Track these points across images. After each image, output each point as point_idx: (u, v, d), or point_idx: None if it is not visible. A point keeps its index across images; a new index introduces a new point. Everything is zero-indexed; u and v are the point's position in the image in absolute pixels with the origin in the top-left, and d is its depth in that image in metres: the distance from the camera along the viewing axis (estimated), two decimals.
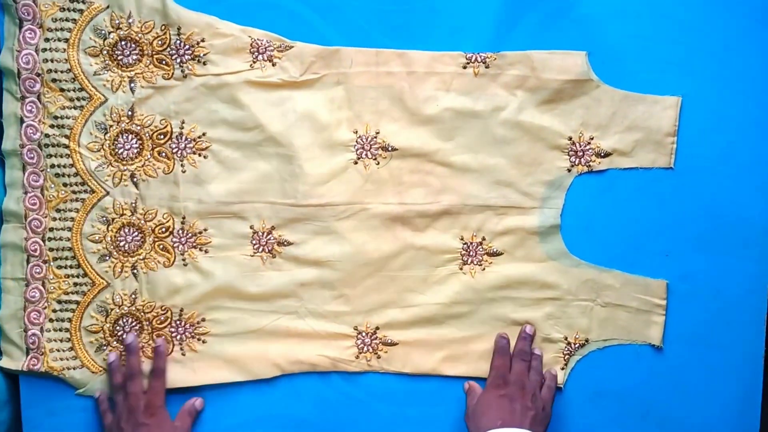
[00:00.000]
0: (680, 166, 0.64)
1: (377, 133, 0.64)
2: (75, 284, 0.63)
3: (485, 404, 0.60)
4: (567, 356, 0.65)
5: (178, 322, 0.64)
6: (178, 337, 0.64)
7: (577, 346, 0.65)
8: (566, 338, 0.65)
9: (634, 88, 0.63)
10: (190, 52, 0.62)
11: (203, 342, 0.64)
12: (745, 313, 0.64)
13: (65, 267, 0.63)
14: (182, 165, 0.64)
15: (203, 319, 0.64)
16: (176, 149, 0.63)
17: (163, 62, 0.63)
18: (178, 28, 0.62)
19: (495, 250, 0.65)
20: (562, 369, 0.64)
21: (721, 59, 0.63)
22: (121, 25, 0.62)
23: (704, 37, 0.63)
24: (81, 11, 0.62)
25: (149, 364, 0.63)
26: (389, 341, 0.65)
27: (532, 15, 0.63)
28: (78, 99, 0.62)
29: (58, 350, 0.63)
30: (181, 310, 0.64)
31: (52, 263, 0.63)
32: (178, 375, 0.64)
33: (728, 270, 0.64)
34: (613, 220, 0.64)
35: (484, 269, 0.65)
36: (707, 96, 0.63)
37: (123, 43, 0.62)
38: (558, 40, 0.63)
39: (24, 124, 0.62)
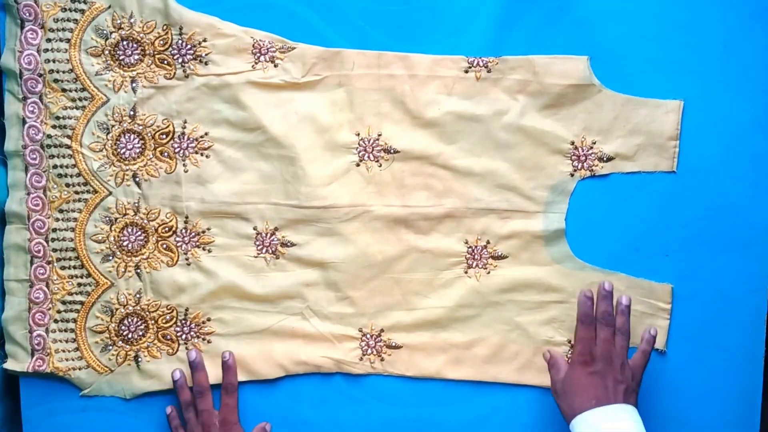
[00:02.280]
0: (682, 168, 0.64)
1: (379, 135, 0.64)
2: (79, 284, 0.64)
3: (575, 383, 0.58)
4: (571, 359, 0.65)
5: (183, 322, 0.64)
6: (183, 336, 0.64)
7: None
8: (570, 341, 0.65)
9: (635, 90, 0.63)
10: (191, 52, 0.62)
11: (208, 342, 0.65)
12: (745, 313, 0.64)
13: (69, 267, 0.63)
14: (184, 165, 0.64)
15: (208, 319, 0.64)
16: (178, 149, 0.64)
17: (165, 62, 0.63)
18: (180, 28, 0.62)
19: (500, 253, 0.65)
20: None
21: (722, 62, 0.63)
22: (122, 25, 0.62)
23: (705, 39, 0.63)
24: (82, 11, 0.62)
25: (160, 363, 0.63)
26: (393, 344, 0.65)
27: (533, 15, 0.63)
28: (80, 99, 0.62)
29: (64, 351, 0.64)
30: (187, 309, 0.64)
31: (55, 264, 0.63)
32: None
33: (728, 270, 0.64)
34: (616, 224, 0.64)
35: (489, 273, 0.65)
36: (709, 98, 0.63)
37: (125, 43, 0.62)
38: (558, 42, 0.63)
39: (26, 125, 0.62)
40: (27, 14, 0.61)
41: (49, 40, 0.62)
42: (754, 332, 0.64)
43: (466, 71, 0.63)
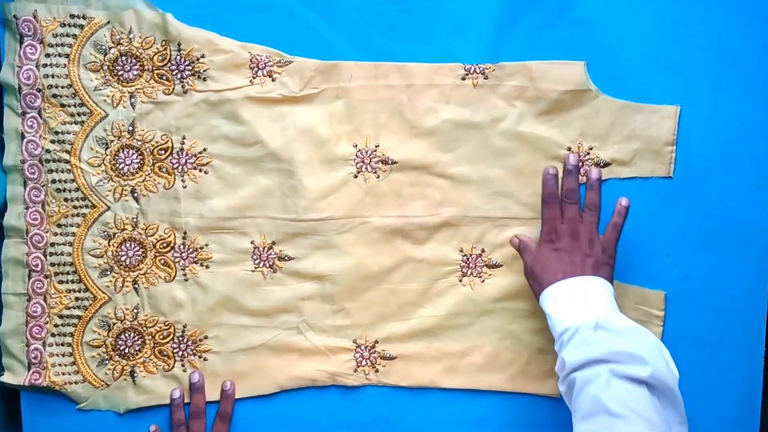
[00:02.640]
0: (681, 168, 0.64)
1: (377, 146, 0.64)
2: (76, 299, 0.64)
3: (543, 260, 0.58)
4: None
5: (180, 338, 0.64)
6: (180, 353, 0.64)
7: None
8: None
9: (633, 92, 0.63)
10: (190, 67, 0.63)
11: (204, 359, 0.65)
12: (745, 313, 0.64)
13: (67, 282, 0.64)
14: (183, 180, 0.64)
15: (205, 336, 0.64)
16: (177, 165, 0.64)
17: (164, 78, 0.63)
18: (179, 44, 0.62)
19: (494, 261, 0.65)
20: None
21: (720, 61, 0.63)
22: (121, 41, 0.62)
23: (703, 42, 0.63)
24: (81, 27, 0.62)
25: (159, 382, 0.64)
26: (388, 355, 0.65)
27: (533, 15, 0.63)
28: (79, 114, 0.63)
29: (60, 365, 0.64)
30: (184, 326, 0.64)
31: (53, 278, 0.63)
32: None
33: (728, 271, 0.64)
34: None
35: (483, 281, 0.65)
36: (707, 101, 0.63)
37: (123, 58, 0.62)
38: (557, 41, 0.63)
39: (25, 140, 0.62)
40: (26, 29, 0.62)
41: (48, 55, 0.62)
42: (754, 332, 0.64)
43: (463, 78, 0.63)
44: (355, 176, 0.64)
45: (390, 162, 0.64)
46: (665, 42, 0.63)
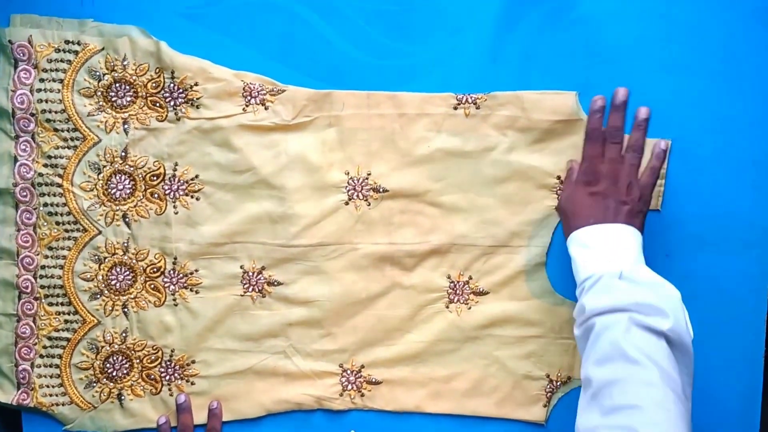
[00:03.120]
0: (681, 167, 0.64)
1: (368, 174, 0.65)
2: (66, 321, 0.64)
3: (576, 202, 0.56)
4: (549, 394, 0.66)
5: (168, 363, 0.65)
6: (167, 377, 0.65)
7: (559, 383, 0.66)
8: (548, 375, 0.66)
9: (632, 94, 0.61)
10: (183, 95, 0.63)
11: (192, 384, 0.65)
12: (745, 313, 0.64)
13: (56, 304, 0.64)
14: (174, 206, 0.64)
15: (193, 361, 0.65)
16: (169, 191, 0.64)
17: (157, 104, 0.64)
18: (172, 72, 0.63)
19: (481, 289, 0.66)
20: (545, 406, 0.66)
21: (720, 59, 0.63)
22: (115, 67, 0.63)
23: (703, 42, 0.63)
24: (76, 53, 0.63)
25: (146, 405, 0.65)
26: (373, 380, 0.66)
27: (533, 14, 0.63)
28: (72, 139, 0.63)
29: (48, 386, 0.64)
30: (172, 351, 0.65)
31: (43, 300, 0.64)
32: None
33: (728, 270, 0.64)
34: None
35: (470, 308, 0.66)
36: (706, 95, 0.63)
37: (117, 84, 0.63)
38: (558, 42, 0.63)
39: (18, 163, 0.63)
40: (21, 54, 0.62)
41: (42, 80, 0.62)
42: (754, 332, 0.64)
43: (455, 108, 0.64)
44: (346, 203, 0.65)
45: (381, 190, 0.65)
46: (665, 42, 0.63)
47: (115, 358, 0.65)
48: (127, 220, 0.64)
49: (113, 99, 0.63)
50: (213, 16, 0.63)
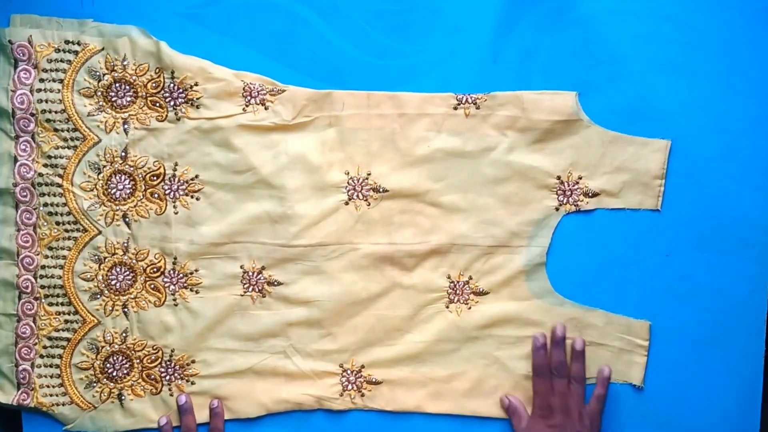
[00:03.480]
0: (681, 167, 0.64)
1: (368, 174, 0.65)
2: (66, 321, 0.64)
3: None
4: None
5: (168, 363, 0.65)
6: (167, 377, 0.65)
7: None
8: None
9: (631, 95, 0.63)
10: (183, 95, 0.63)
11: (192, 383, 0.65)
12: (745, 313, 0.64)
13: (56, 304, 0.64)
14: (174, 206, 0.64)
15: (193, 361, 0.65)
16: (169, 191, 0.64)
17: (157, 104, 0.64)
18: (172, 72, 0.63)
19: (481, 289, 0.66)
20: None
21: (720, 59, 0.63)
22: (115, 67, 0.63)
23: (703, 42, 0.63)
24: (76, 53, 0.63)
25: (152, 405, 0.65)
26: (374, 380, 0.66)
27: (533, 14, 0.63)
28: (72, 139, 0.63)
29: (48, 386, 0.64)
30: (172, 351, 0.65)
31: (43, 300, 0.64)
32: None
33: (728, 270, 0.64)
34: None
35: (470, 308, 0.66)
36: (707, 96, 0.63)
37: (117, 84, 0.63)
38: (558, 42, 0.63)
39: (18, 163, 0.63)
40: (21, 54, 0.62)
41: (42, 80, 0.62)
42: (754, 332, 0.64)
43: (455, 108, 0.64)
44: (346, 203, 0.65)
45: (381, 190, 0.65)
46: (665, 42, 0.63)
47: (115, 358, 0.65)
48: (127, 220, 0.64)
49: (113, 99, 0.63)
50: (213, 16, 0.63)
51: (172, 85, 0.63)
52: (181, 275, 0.65)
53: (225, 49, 0.64)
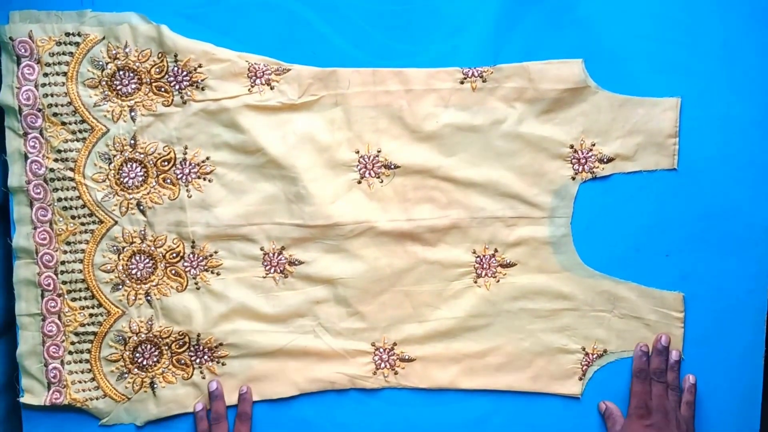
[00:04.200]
0: (681, 167, 0.64)
1: (379, 151, 0.64)
2: (90, 315, 0.64)
3: None
4: (585, 367, 0.65)
5: (196, 347, 0.65)
6: (198, 360, 0.65)
7: (595, 356, 0.65)
8: (584, 348, 0.65)
9: (632, 93, 0.64)
10: (188, 78, 0.63)
11: (223, 364, 0.65)
12: (745, 313, 0.65)
13: (80, 299, 0.64)
14: (188, 190, 0.64)
15: (221, 344, 0.65)
16: (181, 175, 0.64)
17: (162, 89, 0.63)
18: (175, 56, 0.62)
19: (508, 261, 0.65)
20: (580, 379, 0.65)
21: (721, 61, 0.63)
22: (118, 55, 0.62)
23: (703, 41, 0.63)
24: (77, 44, 0.62)
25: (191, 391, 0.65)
26: (407, 357, 0.65)
27: (533, 14, 0.63)
28: (80, 131, 0.63)
29: (80, 382, 0.64)
30: (199, 335, 0.65)
31: (66, 296, 0.64)
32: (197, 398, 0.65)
33: (728, 270, 0.64)
34: (619, 225, 0.65)
35: (498, 281, 0.65)
36: (708, 96, 0.63)
37: (121, 72, 0.63)
38: (558, 40, 0.63)
39: (28, 160, 0.62)
40: (23, 50, 0.62)
41: (46, 75, 0.62)
42: (754, 332, 0.65)
43: (462, 82, 0.63)
44: (359, 182, 0.64)
45: (392, 167, 0.64)
46: (665, 41, 0.63)
47: (143, 347, 0.65)
48: (141, 207, 0.64)
49: (118, 87, 0.63)
50: (213, 16, 0.63)
51: (175, 68, 0.62)
52: (200, 258, 0.64)
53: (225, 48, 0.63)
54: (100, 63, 0.62)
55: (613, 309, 0.65)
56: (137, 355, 0.65)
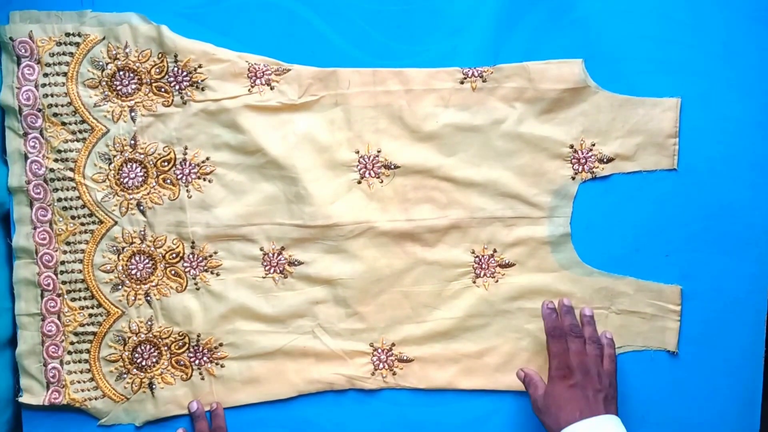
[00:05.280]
0: (681, 167, 0.64)
1: (378, 151, 0.64)
2: (90, 315, 0.64)
3: (558, 398, 0.58)
4: None
5: (196, 348, 0.65)
6: (197, 362, 0.65)
7: None
8: None
9: (632, 93, 0.64)
10: (188, 78, 0.63)
11: (222, 366, 0.65)
12: (745, 313, 0.64)
13: (79, 299, 0.64)
14: (188, 190, 0.64)
15: (220, 344, 0.65)
16: (181, 175, 0.64)
17: (162, 90, 0.63)
18: (175, 56, 0.62)
19: (507, 261, 0.65)
20: None
21: (722, 61, 0.63)
22: (118, 56, 0.62)
23: (704, 41, 0.63)
24: (77, 44, 0.62)
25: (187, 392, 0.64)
26: (405, 358, 0.65)
27: (533, 14, 0.63)
28: (80, 132, 0.63)
29: (79, 382, 0.64)
30: (198, 335, 0.65)
31: (65, 296, 0.64)
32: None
33: (728, 270, 0.64)
34: (619, 224, 0.65)
35: (497, 281, 0.65)
36: (708, 97, 0.63)
37: (121, 73, 0.63)
38: (557, 41, 0.63)
39: (28, 160, 0.62)
40: (23, 50, 0.62)
41: (46, 75, 0.62)
42: (754, 332, 0.64)
43: (462, 82, 0.63)
44: (359, 182, 0.64)
45: (392, 167, 0.64)
46: (665, 41, 0.63)
47: (143, 348, 0.64)
48: (141, 208, 0.64)
49: (118, 88, 0.63)
50: (213, 16, 0.63)
51: (175, 68, 0.63)
52: (200, 259, 0.64)
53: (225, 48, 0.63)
54: (100, 63, 0.62)
55: (611, 306, 0.65)
56: (136, 355, 0.64)
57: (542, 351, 0.65)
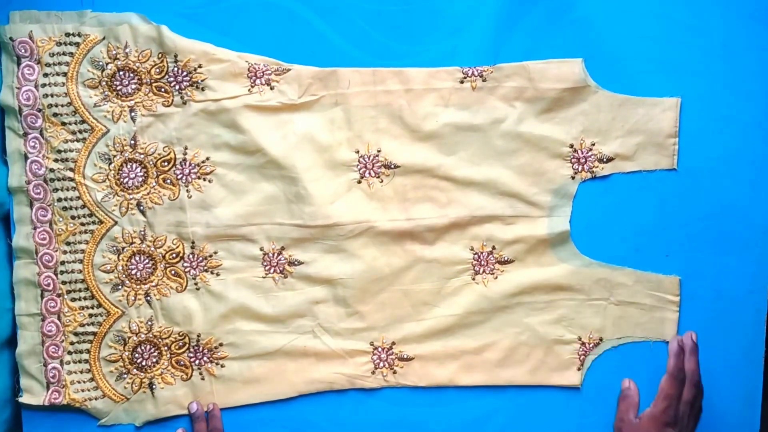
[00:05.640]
0: (681, 167, 0.64)
1: (378, 151, 0.64)
2: (90, 315, 0.64)
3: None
4: (582, 357, 0.65)
5: (196, 348, 0.65)
6: (197, 362, 0.65)
7: (591, 345, 0.65)
8: (580, 338, 0.65)
9: (632, 93, 0.64)
10: (188, 78, 0.63)
11: (222, 366, 0.65)
12: (745, 313, 0.65)
13: (79, 299, 0.64)
14: (188, 190, 0.64)
15: (221, 344, 0.65)
16: (181, 175, 0.64)
17: (162, 90, 0.63)
18: (175, 56, 0.62)
19: (506, 258, 0.65)
20: (579, 369, 0.65)
21: (720, 59, 0.63)
22: (118, 56, 0.62)
23: (704, 41, 0.63)
24: (77, 44, 0.62)
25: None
26: (405, 356, 0.65)
27: (533, 14, 0.63)
28: (80, 132, 0.63)
29: (79, 382, 0.64)
30: (199, 335, 0.65)
31: (65, 296, 0.64)
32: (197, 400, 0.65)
33: (728, 270, 0.64)
34: (619, 224, 0.65)
35: (496, 277, 0.65)
36: (708, 97, 0.64)
37: (121, 73, 0.63)
38: (557, 41, 0.63)
39: (28, 161, 0.62)
40: (23, 50, 0.62)
41: (46, 75, 0.62)
42: (754, 332, 0.65)
43: (462, 82, 0.63)
44: (359, 182, 0.64)
45: (392, 166, 0.64)
46: (665, 41, 0.63)
47: (143, 348, 0.64)
48: (141, 208, 0.64)
49: (118, 88, 0.63)
50: (213, 16, 0.63)
51: (176, 68, 0.63)
52: (200, 259, 0.64)
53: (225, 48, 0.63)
54: (100, 63, 0.62)
55: (610, 296, 0.65)
56: (136, 355, 0.64)
57: (541, 344, 0.65)
